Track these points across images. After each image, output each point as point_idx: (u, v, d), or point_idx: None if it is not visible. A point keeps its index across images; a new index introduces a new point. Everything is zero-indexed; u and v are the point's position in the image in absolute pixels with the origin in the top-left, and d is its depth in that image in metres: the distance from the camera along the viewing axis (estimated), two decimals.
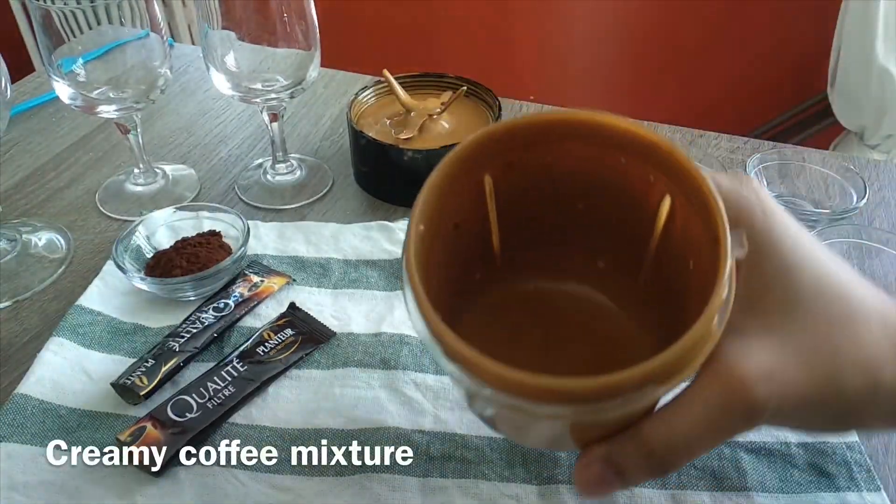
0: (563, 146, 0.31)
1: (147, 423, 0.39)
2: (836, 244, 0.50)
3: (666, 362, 0.23)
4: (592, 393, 0.23)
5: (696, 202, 0.27)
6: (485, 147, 0.30)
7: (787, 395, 0.26)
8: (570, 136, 0.30)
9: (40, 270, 0.52)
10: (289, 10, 0.52)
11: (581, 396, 0.23)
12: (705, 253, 0.26)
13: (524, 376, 0.23)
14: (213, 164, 0.64)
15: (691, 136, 0.66)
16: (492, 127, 0.30)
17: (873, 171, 0.61)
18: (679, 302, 0.30)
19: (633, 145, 0.29)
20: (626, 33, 1.50)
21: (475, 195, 0.32)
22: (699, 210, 0.27)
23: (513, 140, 0.31)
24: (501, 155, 0.31)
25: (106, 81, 0.52)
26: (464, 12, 1.53)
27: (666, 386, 0.24)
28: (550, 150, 0.31)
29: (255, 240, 0.53)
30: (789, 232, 0.28)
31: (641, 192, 0.30)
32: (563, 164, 0.31)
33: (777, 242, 0.27)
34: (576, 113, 0.30)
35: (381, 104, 0.62)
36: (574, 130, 0.30)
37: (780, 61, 1.45)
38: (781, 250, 0.27)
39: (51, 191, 0.60)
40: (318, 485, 0.37)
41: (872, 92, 1.16)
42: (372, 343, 0.45)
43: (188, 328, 0.45)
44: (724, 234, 0.25)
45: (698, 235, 0.27)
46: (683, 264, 0.29)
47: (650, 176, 0.29)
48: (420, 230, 0.29)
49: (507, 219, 0.33)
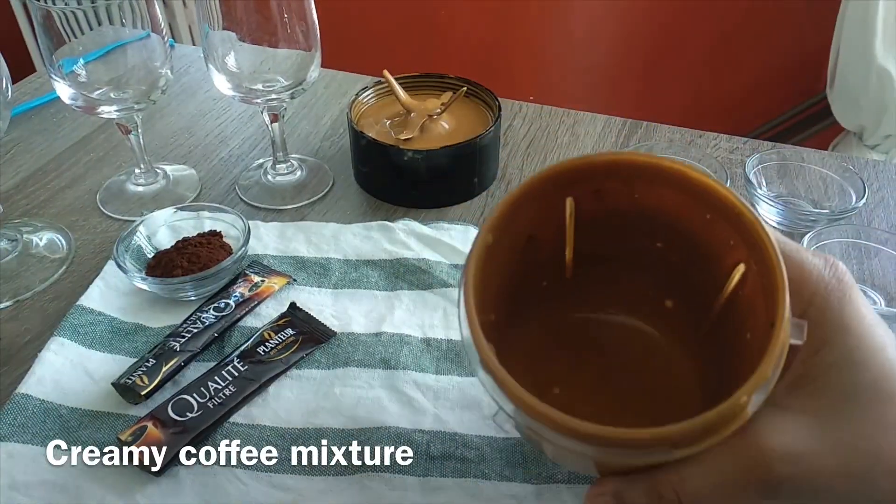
0: (654, 188, 0.32)
1: (148, 422, 0.39)
2: (836, 244, 0.50)
3: (688, 430, 0.24)
4: (618, 441, 0.25)
5: (766, 281, 0.27)
6: (575, 173, 0.31)
7: (810, 480, 0.26)
8: (663, 182, 0.31)
9: (41, 270, 0.52)
10: (289, 10, 0.52)
11: (606, 442, 0.25)
12: (761, 332, 0.27)
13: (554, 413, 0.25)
14: (213, 164, 0.64)
15: (691, 136, 0.66)
16: (587, 158, 0.31)
17: (872, 172, 0.61)
18: (732, 363, 0.30)
19: (721, 207, 0.30)
20: (625, 34, 1.50)
21: (556, 213, 0.33)
22: (766, 289, 0.27)
23: (605, 173, 0.32)
24: (590, 182, 0.32)
25: (107, 82, 0.53)
26: (464, 13, 1.53)
27: (684, 451, 0.25)
28: (640, 188, 0.32)
29: (256, 240, 0.53)
30: (863, 323, 0.27)
31: (720, 249, 0.31)
32: (650, 203, 0.32)
33: (846, 332, 0.27)
34: (673, 162, 0.30)
35: (381, 104, 0.62)
36: (668, 178, 0.31)
37: (779, 61, 1.45)
38: (848, 341, 0.27)
39: (52, 191, 0.60)
40: (319, 484, 0.38)
41: (872, 92, 1.16)
42: (372, 343, 0.45)
43: (189, 328, 0.45)
44: (782, 322, 0.25)
45: (760, 312, 0.28)
46: (742, 332, 0.30)
47: (731, 240, 0.30)
48: (488, 240, 0.30)
49: (584, 239, 0.34)
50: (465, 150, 0.55)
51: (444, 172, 0.56)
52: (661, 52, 1.50)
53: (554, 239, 0.34)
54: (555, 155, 0.64)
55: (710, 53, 1.48)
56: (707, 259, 0.32)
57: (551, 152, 0.65)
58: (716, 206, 0.30)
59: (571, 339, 0.37)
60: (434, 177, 0.56)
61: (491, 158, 0.59)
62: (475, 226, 0.54)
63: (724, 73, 1.50)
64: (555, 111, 0.70)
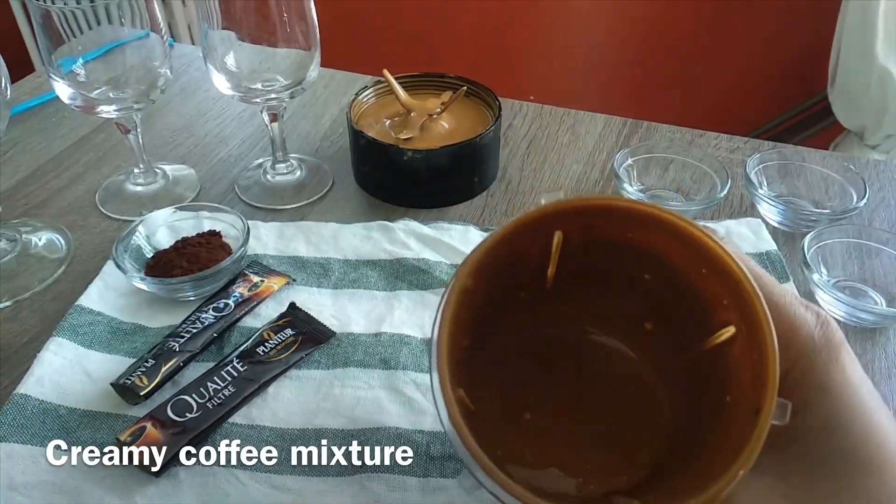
0: (649, 233, 0.30)
1: (147, 423, 0.39)
2: (836, 244, 0.50)
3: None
4: None
5: (756, 361, 0.26)
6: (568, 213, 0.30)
7: None
8: (661, 230, 0.30)
9: (40, 270, 0.52)
10: (289, 10, 0.52)
11: None
12: (743, 404, 0.26)
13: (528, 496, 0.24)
14: (213, 164, 0.64)
15: (691, 136, 0.66)
16: (581, 199, 0.30)
17: (873, 171, 0.61)
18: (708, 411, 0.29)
19: (719, 270, 0.28)
20: (626, 33, 1.50)
21: (542, 241, 0.32)
22: (755, 368, 0.26)
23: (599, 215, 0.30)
24: (582, 220, 0.31)
25: (106, 81, 0.52)
26: (464, 12, 1.53)
27: None
28: (634, 231, 0.31)
29: (255, 240, 0.53)
30: (848, 386, 0.26)
31: (712, 302, 0.30)
32: (643, 244, 0.31)
33: (828, 394, 0.26)
34: (673, 214, 0.29)
35: (381, 104, 0.62)
36: (667, 229, 0.29)
37: (780, 61, 1.45)
38: (829, 405, 0.26)
39: (51, 191, 0.60)
40: (319, 485, 0.37)
41: (872, 92, 1.16)
42: (372, 343, 0.45)
43: (188, 328, 0.45)
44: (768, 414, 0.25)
45: (745, 385, 0.27)
46: (723, 390, 0.29)
47: (724, 300, 0.29)
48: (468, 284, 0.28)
49: (568, 259, 0.33)
50: (465, 150, 0.55)
51: (444, 172, 0.56)
52: (662, 51, 1.50)
53: (537, 260, 0.33)
54: (555, 154, 0.64)
55: (711, 53, 1.48)
56: (696, 303, 0.30)
57: (551, 152, 0.65)
58: (713, 267, 0.29)
59: (547, 356, 0.36)
60: (434, 176, 0.56)
61: (491, 158, 0.59)
62: (475, 226, 0.54)
63: (725, 72, 1.50)
64: (555, 111, 0.70)
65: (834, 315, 0.47)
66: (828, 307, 0.47)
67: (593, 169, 0.62)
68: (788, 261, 0.51)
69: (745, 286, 0.27)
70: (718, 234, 0.28)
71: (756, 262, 0.52)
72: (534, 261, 0.33)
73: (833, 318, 0.47)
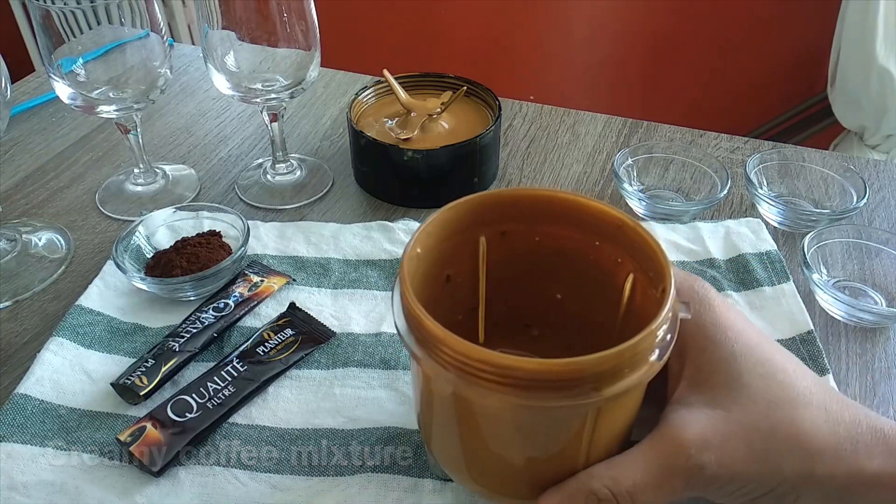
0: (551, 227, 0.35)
1: (147, 423, 0.39)
2: (837, 244, 0.50)
3: (606, 359, 0.26)
4: (538, 374, 0.26)
5: (652, 273, 0.31)
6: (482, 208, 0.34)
7: (725, 464, 0.28)
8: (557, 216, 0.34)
9: (40, 270, 0.52)
10: (289, 10, 0.52)
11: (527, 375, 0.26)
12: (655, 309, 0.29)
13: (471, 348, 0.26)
14: (213, 164, 0.64)
15: (691, 135, 0.66)
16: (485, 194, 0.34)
17: (873, 171, 0.61)
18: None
19: (603, 225, 0.33)
20: (625, 33, 1.50)
21: (470, 253, 0.36)
22: (653, 278, 0.31)
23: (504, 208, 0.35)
24: (497, 223, 0.35)
25: (106, 81, 0.52)
26: (464, 13, 1.53)
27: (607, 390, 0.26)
28: (539, 229, 0.35)
29: (255, 240, 0.53)
30: (736, 323, 0.32)
31: (613, 274, 0.34)
32: (548, 244, 0.35)
33: (723, 331, 0.31)
34: (556, 192, 0.34)
35: (381, 104, 0.62)
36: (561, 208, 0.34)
37: (780, 61, 1.45)
38: (727, 338, 0.31)
39: (51, 191, 0.60)
40: (318, 484, 0.37)
41: (872, 92, 1.16)
42: (372, 343, 0.45)
43: (188, 328, 0.45)
44: (669, 283, 0.29)
45: (654, 301, 0.30)
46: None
47: (618, 257, 0.33)
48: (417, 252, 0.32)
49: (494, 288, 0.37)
50: (464, 150, 0.55)
51: (444, 172, 0.56)
52: (662, 51, 1.50)
53: (469, 282, 0.36)
54: (555, 154, 0.64)
55: (711, 53, 1.48)
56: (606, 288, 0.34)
57: (551, 152, 0.65)
58: (600, 228, 0.33)
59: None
60: (434, 176, 0.56)
61: (491, 158, 0.59)
62: None
63: (725, 72, 1.50)
64: (555, 111, 0.70)
65: (834, 315, 0.47)
66: (828, 307, 0.47)
67: (593, 169, 0.62)
68: (788, 261, 0.51)
69: (627, 224, 0.32)
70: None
71: (756, 262, 0.52)
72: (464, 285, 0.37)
73: (833, 317, 0.48)
